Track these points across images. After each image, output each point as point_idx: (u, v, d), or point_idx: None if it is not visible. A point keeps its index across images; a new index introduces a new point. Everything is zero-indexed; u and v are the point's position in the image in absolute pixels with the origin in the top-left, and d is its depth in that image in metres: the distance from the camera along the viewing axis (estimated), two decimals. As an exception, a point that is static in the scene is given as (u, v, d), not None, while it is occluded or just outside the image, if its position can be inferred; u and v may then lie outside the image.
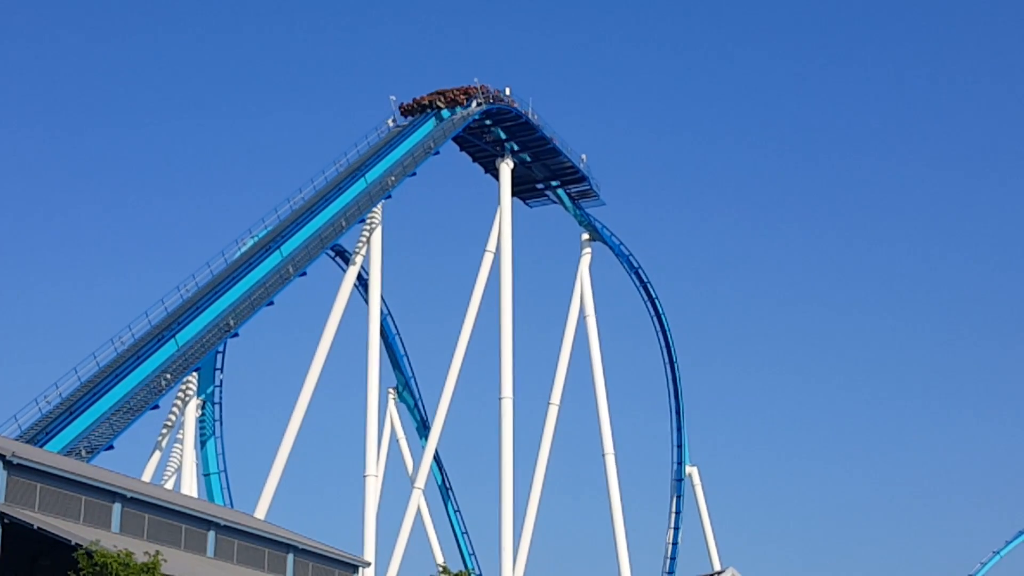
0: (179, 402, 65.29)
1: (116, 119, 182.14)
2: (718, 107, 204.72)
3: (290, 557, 51.53)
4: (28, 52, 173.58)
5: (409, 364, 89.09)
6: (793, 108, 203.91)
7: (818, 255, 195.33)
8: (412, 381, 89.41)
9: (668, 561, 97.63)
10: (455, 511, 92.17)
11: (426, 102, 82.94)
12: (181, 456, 65.62)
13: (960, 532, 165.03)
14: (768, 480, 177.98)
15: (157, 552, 34.34)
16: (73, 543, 35.88)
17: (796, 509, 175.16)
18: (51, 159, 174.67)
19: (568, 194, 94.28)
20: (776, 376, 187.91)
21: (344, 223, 73.25)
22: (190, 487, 64.94)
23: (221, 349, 70.35)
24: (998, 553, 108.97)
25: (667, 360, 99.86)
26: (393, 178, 76.79)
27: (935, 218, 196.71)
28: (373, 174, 76.17)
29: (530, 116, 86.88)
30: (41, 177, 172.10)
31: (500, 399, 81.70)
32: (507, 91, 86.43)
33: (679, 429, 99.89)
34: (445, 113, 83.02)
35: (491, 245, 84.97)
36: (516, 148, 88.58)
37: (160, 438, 65.89)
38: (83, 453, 56.03)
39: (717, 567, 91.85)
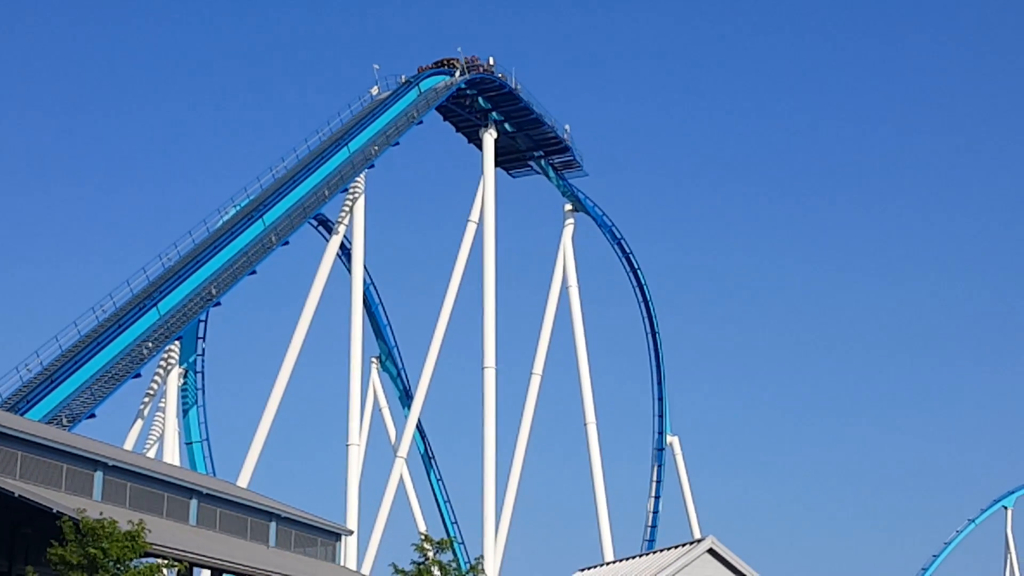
0: (161, 371, 65.32)
1: (100, 92, 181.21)
2: (700, 77, 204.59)
3: (272, 525, 51.72)
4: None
5: (392, 333, 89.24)
6: (776, 77, 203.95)
7: (800, 224, 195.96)
8: (395, 350, 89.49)
9: (649, 529, 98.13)
10: (438, 480, 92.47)
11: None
12: (163, 425, 65.69)
13: (937, 501, 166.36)
14: (748, 450, 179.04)
15: (140, 520, 34.42)
16: (55, 511, 35.96)
17: (775, 479, 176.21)
18: (32, 129, 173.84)
19: (551, 165, 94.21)
20: (757, 347, 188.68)
21: (327, 192, 73.17)
22: (172, 456, 65.01)
23: (203, 318, 70.35)
24: (973, 521, 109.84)
25: (649, 330, 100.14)
26: (376, 147, 76.68)
27: (919, 183, 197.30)
28: (356, 143, 76.05)
29: (514, 86, 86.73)
30: (22, 148, 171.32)
31: (483, 368, 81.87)
32: (491, 61, 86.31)
33: (661, 399, 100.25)
34: (426, 83, 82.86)
35: (474, 215, 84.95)
36: (500, 118, 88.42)
37: (142, 407, 65.94)
38: (64, 421, 56.09)
39: (697, 535, 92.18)
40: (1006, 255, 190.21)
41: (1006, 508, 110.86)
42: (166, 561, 36.95)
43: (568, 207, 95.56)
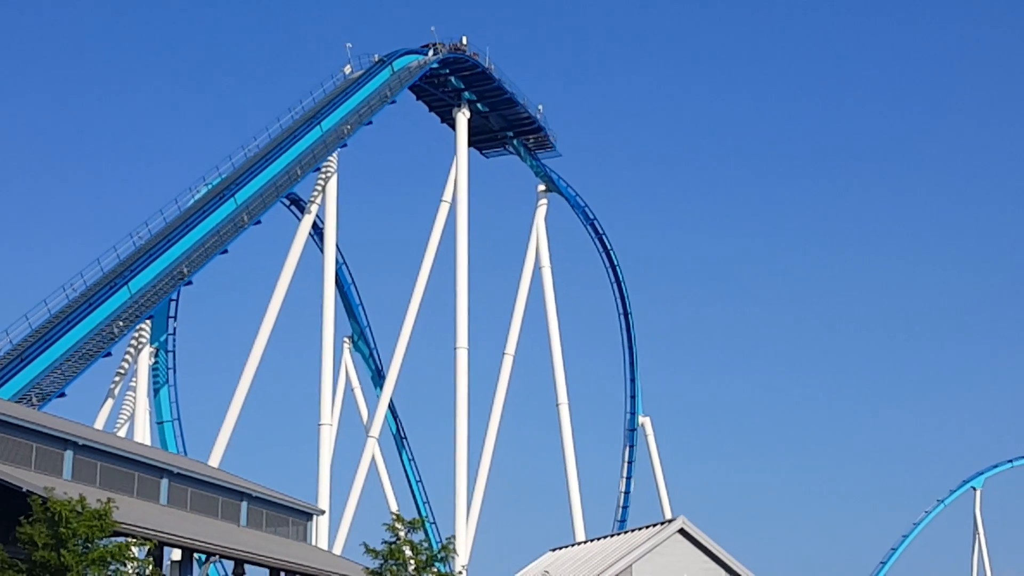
0: (132, 350, 65.03)
1: (71, 71, 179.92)
2: (675, 58, 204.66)
3: (244, 505, 51.61)
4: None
5: (364, 313, 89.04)
6: (751, 58, 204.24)
7: (772, 205, 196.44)
8: (367, 330, 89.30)
9: (620, 510, 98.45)
10: (410, 460, 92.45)
11: None
12: (134, 404, 65.42)
13: (907, 482, 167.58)
14: (719, 431, 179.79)
15: (109, 499, 34.24)
16: (24, 490, 35.73)
17: (746, 459, 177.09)
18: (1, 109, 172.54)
19: (524, 145, 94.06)
20: (729, 328, 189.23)
21: (299, 171, 72.86)
22: (143, 435, 64.77)
23: (175, 297, 70.01)
24: (942, 502, 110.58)
25: (621, 311, 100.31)
26: (349, 127, 76.39)
27: (886, 162, 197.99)
28: (329, 122, 75.72)
29: (487, 66, 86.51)
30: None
31: (455, 349, 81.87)
32: (464, 40, 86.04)
33: (632, 380, 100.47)
34: (399, 63, 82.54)
35: (447, 195, 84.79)
36: (473, 98, 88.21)
37: (113, 386, 65.62)
38: (34, 400, 55.76)
39: (668, 516, 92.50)
40: (974, 235, 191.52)
41: (975, 489, 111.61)
42: (135, 540, 36.79)
43: (541, 187, 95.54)
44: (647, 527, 53.89)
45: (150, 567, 35.26)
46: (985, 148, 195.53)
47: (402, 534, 41.50)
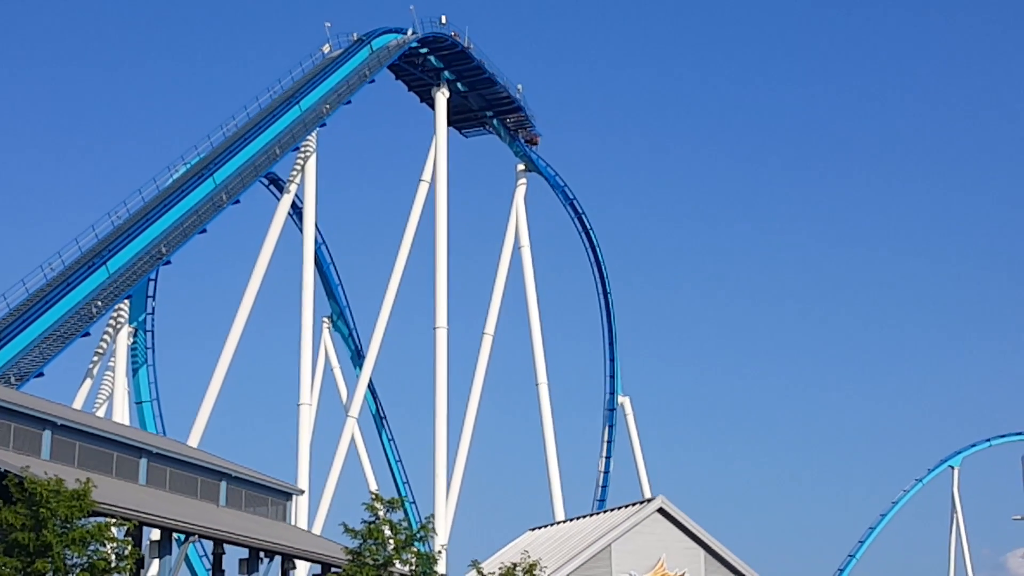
0: (110, 330, 64.88)
1: (48, 48, 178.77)
2: (654, 38, 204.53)
3: (223, 485, 51.57)
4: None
5: (344, 293, 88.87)
6: (732, 39, 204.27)
7: (751, 187, 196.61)
8: (347, 310, 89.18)
9: (599, 489, 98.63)
10: (389, 440, 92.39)
11: None
12: (113, 384, 65.30)
13: (885, 461, 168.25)
14: (699, 410, 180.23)
15: (88, 479, 34.16)
16: (2, 470, 35.68)
17: (725, 439, 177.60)
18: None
19: (504, 124, 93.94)
20: (709, 308, 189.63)
21: (278, 151, 72.61)
22: (122, 415, 64.67)
23: (153, 277, 69.81)
24: (920, 481, 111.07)
25: (601, 291, 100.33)
26: (328, 106, 76.14)
27: (866, 146, 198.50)
28: (307, 102, 75.47)
29: (466, 45, 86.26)
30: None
31: (435, 329, 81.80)
32: (443, 19, 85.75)
33: (612, 359, 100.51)
34: (378, 42, 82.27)
35: (426, 175, 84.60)
36: (452, 77, 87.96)
37: (91, 366, 65.48)
38: (12, 380, 55.57)
39: (647, 495, 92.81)
40: (948, 217, 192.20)
41: (953, 468, 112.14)
42: (114, 520, 36.72)
43: (521, 167, 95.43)
44: (626, 506, 54.06)
45: (129, 547, 35.17)
46: (953, 132, 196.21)
47: (381, 514, 41.48)
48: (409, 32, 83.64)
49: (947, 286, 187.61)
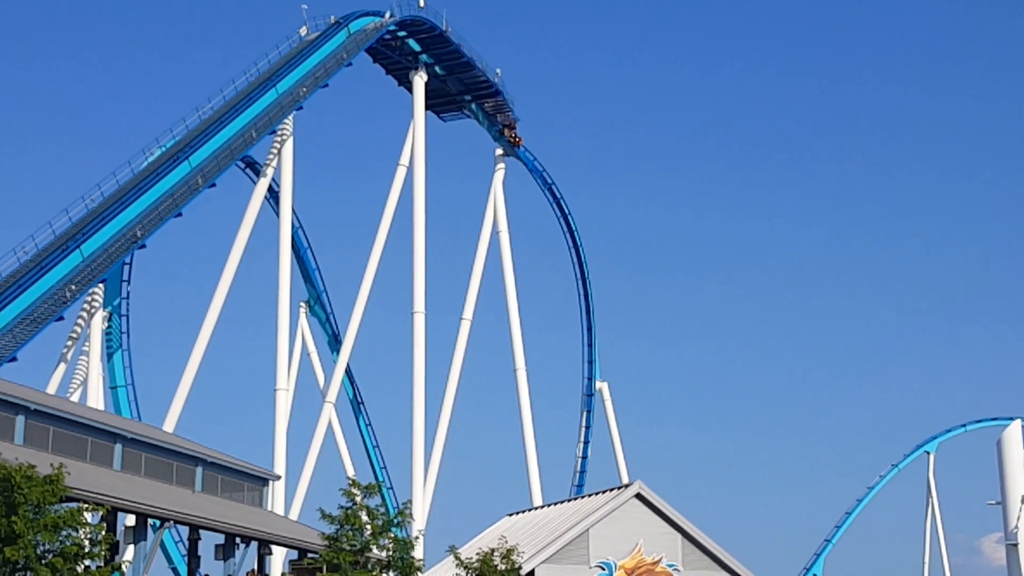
0: (85, 314, 64.38)
1: (24, 32, 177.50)
2: (632, 22, 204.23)
3: (199, 470, 51.26)
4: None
5: (321, 278, 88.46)
6: (710, 25, 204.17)
7: (729, 172, 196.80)
8: (324, 295, 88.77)
9: (577, 475, 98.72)
10: (366, 425, 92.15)
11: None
12: (87, 369, 64.81)
13: (861, 447, 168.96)
14: (676, 396, 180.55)
15: (61, 465, 33.79)
16: (-26, 455, 35.29)
17: (703, 424, 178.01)
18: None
19: (482, 108, 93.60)
20: (687, 294, 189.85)
21: (255, 134, 72.10)
22: (96, 400, 64.20)
23: (128, 260, 69.24)
24: (896, 466, 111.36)
25: (579, 276, 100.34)
26: (305, 89, 75.67)
27: (840, 132, 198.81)
28: (284, 84, 74.98)
29: (444, 29, 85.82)
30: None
31: (412, 313, 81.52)
32: (421, 2, 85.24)
33: (590, 345, 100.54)
34: (356, 24, 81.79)
35: (404, 159, 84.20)
36: (430, 61, 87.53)
37: (65, 350, 64.99)
38: (-15, 365, 55.09)
39: (625, 480, 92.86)
40: (924, 199, 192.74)
41: (928, 453, 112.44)
42: (88, 506, 36.37)
43: (499, 152, 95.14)
44: (604, 492, 53.94)
45: (103, 533, 34.82)
46: (921, 110, 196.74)
47: (358, 499, 41.30)
48: (387, 15, 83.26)
49: (922, 272, 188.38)
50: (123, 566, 42.92)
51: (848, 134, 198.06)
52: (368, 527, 41.24)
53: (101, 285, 63.91)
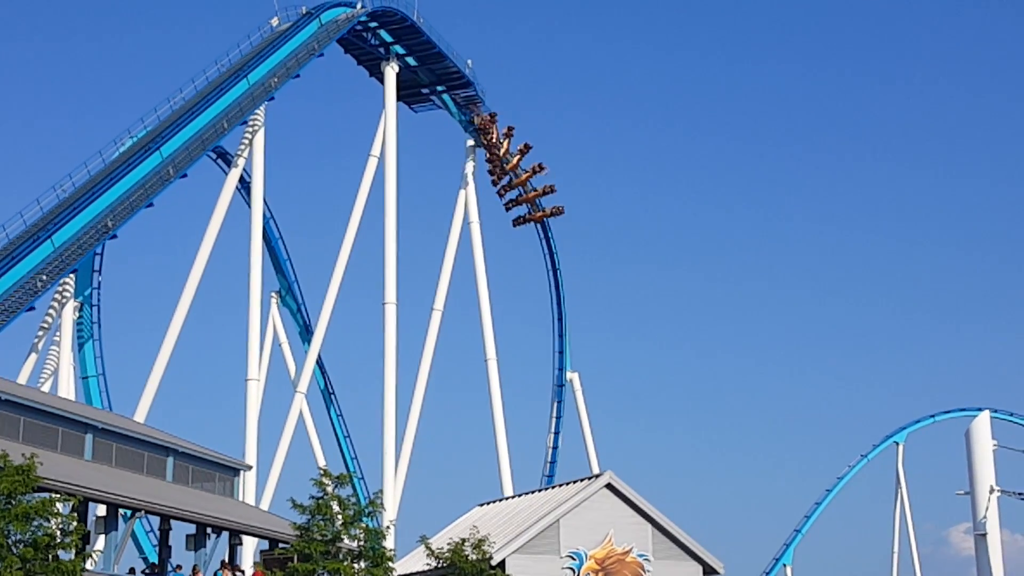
0: (56, 304, 64.26)
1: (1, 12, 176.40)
2: (608, 8, 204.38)
3: (170, 460, 51.26)
4: None
5: (292, 268, 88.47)
6: (684, 11, 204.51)
7: (705, 163, 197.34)
8: (295, 285, 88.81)
9: (548, 465, 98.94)
10: (338, 415, 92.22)
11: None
12: (58, 359, 64.72)
13: (830, 437, 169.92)
14: (647, 387, 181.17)
15: (32, 455, 33.84)
16: (-55, 446, 35.26)
17: (673, 415, 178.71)
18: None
19: (454, 99, 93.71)
20: (658, 285, 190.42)
21: (226, 124, 72.04)
22: (67, 390, 64.10)
23: (99, 251, 69.22)
24: (865, 457, 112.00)
25: (550, 266, 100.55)
26: (276, 80, 75.61)
27: (818, 119, 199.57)
28: (256, 75, 74.90)
29: (416, 19, 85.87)
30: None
31: (383, 304, 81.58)
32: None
33: (561, 335, 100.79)
34: (327, 15, 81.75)
35: (375, 150, 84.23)
36: (402, 52, 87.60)
37: (36, 340, 64.90)
38: (-44, 355, 54.98)
39: (596, 471, 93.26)
40: (893, 191, 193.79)
41: (898, 444, 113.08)
42: (59, 495, 36.41)
43: (470, 143, 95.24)
44: (575, 482, 54.26)
45: (74, 523, 34.90)
46: (890, 105, 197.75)
47: (329, 489, 41.48)
48: (358, 6, 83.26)
49: (892, 263, 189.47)
50: (94, 555, 42.96)
51: (819, 117, 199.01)
52: (339, 517, 41.42)
53: (72, 275, 63.80)
